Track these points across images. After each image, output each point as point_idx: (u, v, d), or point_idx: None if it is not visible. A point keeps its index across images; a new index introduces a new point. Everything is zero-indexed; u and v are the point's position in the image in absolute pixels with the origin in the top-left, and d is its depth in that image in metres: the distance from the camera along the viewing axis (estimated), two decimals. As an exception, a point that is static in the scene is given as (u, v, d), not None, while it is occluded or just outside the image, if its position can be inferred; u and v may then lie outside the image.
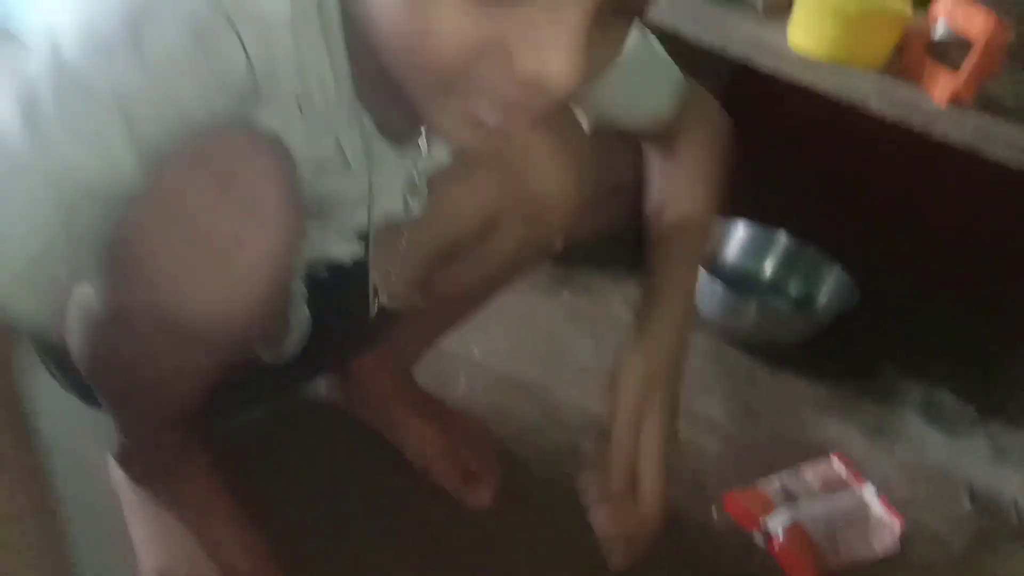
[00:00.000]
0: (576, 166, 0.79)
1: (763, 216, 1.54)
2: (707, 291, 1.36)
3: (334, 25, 0.55)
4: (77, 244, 0.49)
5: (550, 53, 0.47)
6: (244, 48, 0.51)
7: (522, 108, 0.52)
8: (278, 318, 0.73)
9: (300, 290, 0.74)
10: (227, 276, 0.55)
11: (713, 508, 1.07)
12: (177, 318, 0.56)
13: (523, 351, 1.24)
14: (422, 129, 0.70)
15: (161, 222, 0.53)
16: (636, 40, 0.75)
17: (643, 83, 0.79)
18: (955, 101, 1.08)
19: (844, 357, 1.42)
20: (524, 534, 0.96)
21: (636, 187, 0.88)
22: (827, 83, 1.11)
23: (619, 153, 1.00)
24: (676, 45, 1.13)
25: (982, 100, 1.11)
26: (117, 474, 0.85)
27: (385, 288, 0.83)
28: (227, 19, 0.49)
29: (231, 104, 0.52)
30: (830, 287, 1.47)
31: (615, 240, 1.36)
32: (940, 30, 1.14)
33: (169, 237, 0.53)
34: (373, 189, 0.67)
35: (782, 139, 1.64)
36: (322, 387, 1.06)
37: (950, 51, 1.13)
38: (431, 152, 0.71)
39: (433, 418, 1.01)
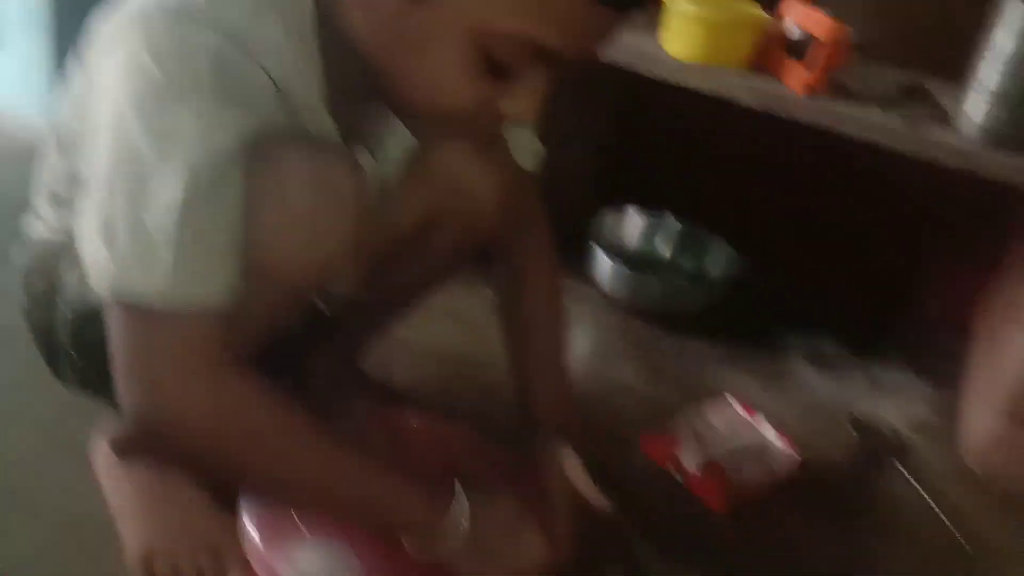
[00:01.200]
0: (503, 174, 0.95)
1: (656, 203, 1.73)
2: (613, 272, 1.53)
3: (314, 50, 0.72)
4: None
5: (527, 105, 0.72)
6: (263, 69, 0.68)
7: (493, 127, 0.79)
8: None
9: None
10: (321, 242, 0.74)
11: (633, 453, 1.23)
12: (283, 271, 0.74)
13: (456, 339, 1.37)
14: (380, 137, 0.86)
15: (274, 203, 0.71)
16: None
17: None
18: (810, 91, 1.27)
19: (737, 320, 1.61)
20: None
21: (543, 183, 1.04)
22: (699, 82, 1.29)
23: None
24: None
25: (834, 88, 1.31)
26: (103, 462, 0.94)
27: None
28: (243, 50, 0.67)
29: (272, 112, 0.70)
30: (719, 260, 1.66)
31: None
32: (792, 31, 1.33)
33: (288, 222, 0.72)
34: None
35: (666, 133, 1.83)
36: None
37: (803, 48, 1.32)
38: (386, 156, 0.88)
39: (380, 397, 1.13)
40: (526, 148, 0.98)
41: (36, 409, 1.07)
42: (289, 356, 1.08)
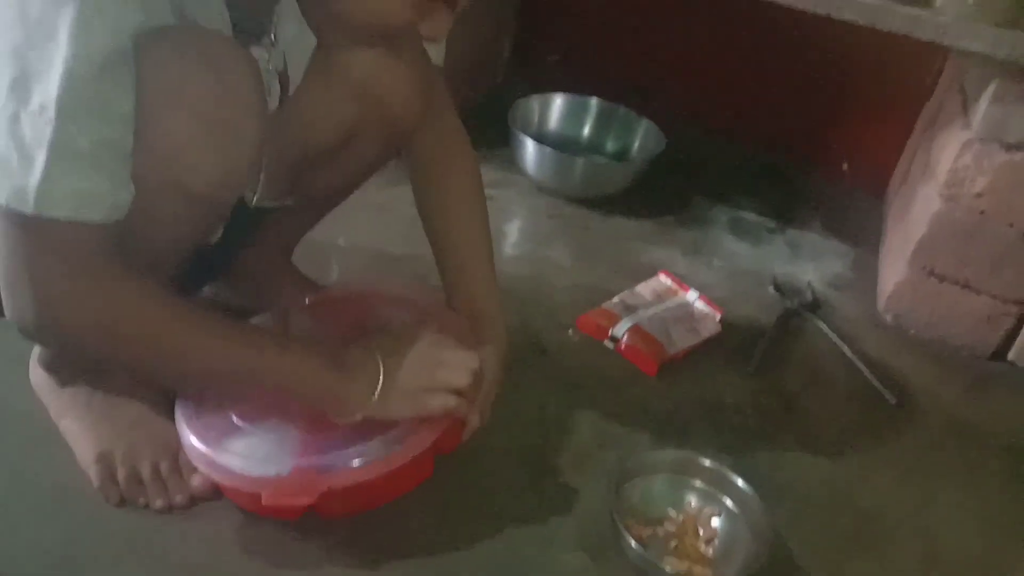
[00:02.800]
0: (419, 75, 0.96)
1: (576, 88, 1.73)
2: (539, 157, 1.54)
3: None
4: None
5: (442, 27, 0.77)
6: None
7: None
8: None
9: None
10: (227, 148, 0.74)
11: (570, 331, 1.27)
12: (187, 179, 0.73)
13: (386, 234, 1.39)
14: (271, 28, 0.83)
15: (173, 109, 0.70)
16: None
17: None
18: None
19: (662, 197, 1.64)
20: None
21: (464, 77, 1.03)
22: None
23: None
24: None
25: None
26: (40, 380, 0.95)
27: (257, 187, 0.96)
28: None
29: (161, 8, 0.69)
30: (641, 138, 1.69)
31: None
32: None
33: (182, 120, 0.70)
34: None
35: (582, 19, 1.83)
36: (208, 290, 1.15)
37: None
38: (277, 48, 0.86)
39: (310, 287, 1.15)
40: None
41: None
42: (220, 256, 1.09)
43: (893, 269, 1.43)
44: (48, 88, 0.63)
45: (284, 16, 0.85)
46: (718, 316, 1.32)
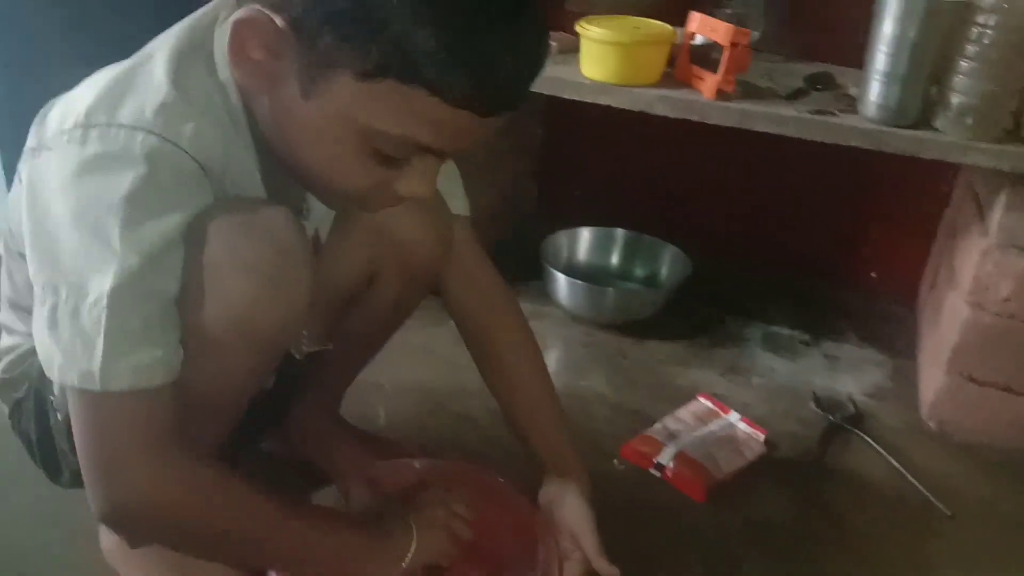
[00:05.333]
0: (436, 225, 1.02)
1: (603, 220, 1.81)
2: (571, 289, 1.60)
3: (246, 134, 0.79)
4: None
5: (421, 185, 0.78)
6: (191, 156, 0.73)
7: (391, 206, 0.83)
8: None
9: None
10: (285, 298, 0.78)
11: (615, 460, 1.29)
12: (252, 331, 0.77)
13: (430, 375, 1.43)
14: (304, 202, 0.92)
15: (234, 270, 0.75)
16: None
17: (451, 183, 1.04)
18: (720, 94, 1.35)
19: (693, 319, 1.68)
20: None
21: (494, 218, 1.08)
22: (619, 101, 1.37)
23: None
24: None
25: (744, 88, 1.39)
26: (111, 544, 0.98)
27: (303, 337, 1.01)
28: (171, 143, 0.72)
29: (206, 191, 0.75)
30: (668, 264, 1.74)
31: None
32: (699, 41, 1.42)
33: (243, 278, 0.76)
34: None
35: (603, 155, 1.91)
36: (266, 445, 1.21)
37: (710, 56, 1.41)
38: (310, 219, 0.94)
39: (362, 443, 1.19)
40: (453, 194, 1.04)
41: (40, 502, 1.09)
42: (269, 414, 1.14)
43: (932, 376, 1.44)
44: (102, 284, 0.69)
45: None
46: (762, 437, 1.33)
